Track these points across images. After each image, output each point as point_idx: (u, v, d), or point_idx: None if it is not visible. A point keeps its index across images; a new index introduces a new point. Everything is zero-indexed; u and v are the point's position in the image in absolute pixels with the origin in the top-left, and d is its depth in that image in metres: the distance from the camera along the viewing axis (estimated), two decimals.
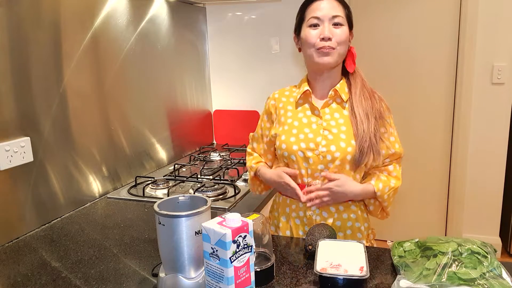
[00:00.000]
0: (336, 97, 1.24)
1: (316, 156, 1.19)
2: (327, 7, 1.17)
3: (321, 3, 1.18)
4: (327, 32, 1.15)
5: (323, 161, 1.19)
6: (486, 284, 0.86)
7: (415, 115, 2.81)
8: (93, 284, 1.02)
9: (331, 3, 1.17)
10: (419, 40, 2.73)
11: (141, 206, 1.59)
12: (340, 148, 1.17)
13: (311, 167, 1.20)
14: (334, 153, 1.17)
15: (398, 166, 1.27)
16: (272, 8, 2.44)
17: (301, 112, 1.25)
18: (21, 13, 1.31)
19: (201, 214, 0.88)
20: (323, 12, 1.16)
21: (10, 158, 1.29)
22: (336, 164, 1.18)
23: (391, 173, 1.26)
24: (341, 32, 1.17)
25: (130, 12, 1.86)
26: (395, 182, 1.24)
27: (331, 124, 1.20)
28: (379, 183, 1.22)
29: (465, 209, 2.82)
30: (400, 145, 1.27)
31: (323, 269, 0.93)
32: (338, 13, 1.17)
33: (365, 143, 1.16)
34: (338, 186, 1.17)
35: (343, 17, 1.18)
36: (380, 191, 1.21)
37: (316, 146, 1.19)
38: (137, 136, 1.95)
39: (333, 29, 1.16)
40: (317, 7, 1.17)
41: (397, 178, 1.26)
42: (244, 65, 2.57)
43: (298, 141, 1.20)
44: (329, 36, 1.15)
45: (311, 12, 1.18)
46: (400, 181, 1.26)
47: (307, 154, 1.19)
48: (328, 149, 1.18)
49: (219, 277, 0.81)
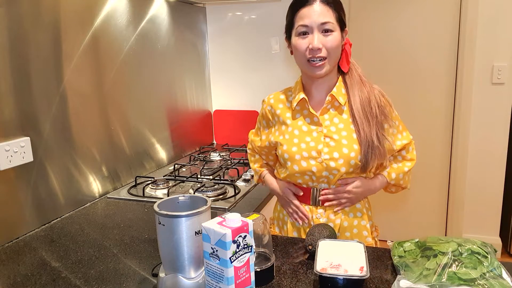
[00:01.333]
0: (333, 101, 1.21)
1: (320, 164, 1.17)
2: (315, 14, 1.10)
3: (308, 9, 1.11)
4: (316, 43, 1.10)
5: (327, 168, 1.17)
6: (486, 284, 0.86)
7: (415, 115, 2.82)
8: (93, 284, 1.02)
9: (320, 9, 1.11)
10: (419, 40, 2.73)
11: (141, 206, 1.59)
12: (343, 154, 1.16)
13: (316, 175, 1.19)
14: (338, 160, 1.16)
15: (410, 147, 1.30)
16: (272, 8, 2.44)
17: (300, 120, 1.23)
18: (21, 13, 1.31)
19: (201, 214, 0.88)
20: (311, 19, 1.10)
21: (10, 158, 1.29)
22: (342, 171, 1.17)
23: (405, 157, 1.29)
24: (332, 39, 1.11)
25: (130, 12, 1.86)
26: (409, 165, 1.28)
27: (331, 130, 1.18)
28: (392, 173, 1.25)
29: (465, 209, 2.82)
30: (408, 133, 1.28)
31: (323, 269, 0.93)
32: (327, 19, 1.11)
33: (369, 148, 1.15)
34: (357, 187, 1.19)
35: (333, 23, 1.11)
36: (394, 180, 1.26)
37: (319, 154, 1.17)
38: (137, 136, 1.95)
39: (322, 38, 1.11)
40: (305, 14, 1.11)
41: (411, 160, 1.29)
42: (244, 65, 2.57)
43: (300, 151, 1.19)
44: (318, 46, 1.10)
45: (299, 20, 1.13)
46: (414, 160, 1.29)
47: (310, 162, 1.18)
48: (331, 156, 1.16)
49: (219, 277, 0.81)
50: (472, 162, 2.75)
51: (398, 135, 1.24)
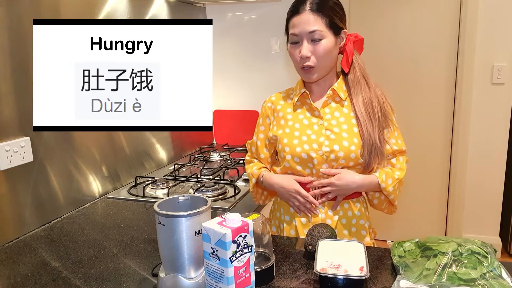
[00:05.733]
0: (334, 96, 1.24)
1: (320, 157, 1.19)
2: (303, 23, 1.14)
3: (298, 18, 1.15)
4: (305, 51, 1.14)
5: (327, 161, 1.19)
6: (486, 284, 0.86)
7: (415, 115, 2.82)
8: (93, 284, 1.02)
9: (307, 17, 1.14)
10: (419, 40, 2.73)
11: (141, 206, 1.59)
12: (343, 147, 1.17)
13: (316, 167, 1.20)
14: (338, 152, 1.17)
15: (401, 158, 1.26)
16: (272, 8, 2.44)
17: (301, 113, 1.25)
18: (21, 13, 1.31)
19: (201, 214, 0.88)
20: (300, 28, 1.15)
21: (10, 158, 1.29)
22: (341, 163, 1.18)
23: (395, 165, 1.25)
24: (320, 47, 1.15)
25: (130, 12, 1.86)
26: (399, 174, 1.23)
27: (332, 124, 1.21)
28: (383, 174, 1.20)
29: (465, 209, 2.82)
30: (403, 142, 1.26)
31: (323, 269, 0.93)
32: (315, 28, 1.13)
33: (372, 147, 1.17)
34: (339, 179, 1.17)
35: (321, 30, 1.14)
36: (384, 183, 1.19)
37: (320, 147, 1.19)
38: (137, 136, 1.95)
39: (311, 47, 1.15)
40: (295, 23, 1.16)
41: (400, 169, 1.24)
42: (244, 65, 2.57)
43: (301, 143, 1.20)
44: (307, 55, 1.15)
45: (291, 28, 1.18)
46: (404, 171, 1.24)
47: (310, 155, 1.19)
48: (331, 148, 1.18)
49: (219, 277, 0.81)
50: (472, 162, 2.74)
51: (391, 140, 1.23)
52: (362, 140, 1.18)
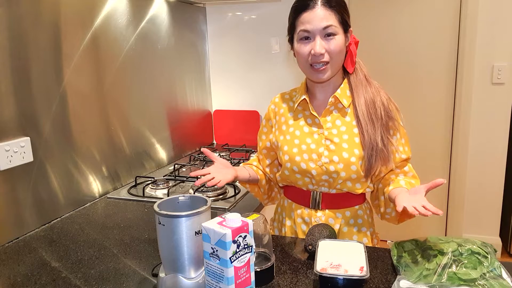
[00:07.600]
0: (336, 103, 1.19)
1: (319, 167, 1.16)
2: (317, 18, 1.07)
3: (310, 13, 1.08)
4: (318, 49, 1.07)
5: (326, 172, 1.16)
6: (486, 284, 0.86)
7: (415, 115, 2.81)
8: (93, 284, 1.02)
9: (321, 13, 1.07)
10: (419, 40, 2.73)
11: (141, 206, 1.59)
12: (342, 159, 1.13)
13: (315, 178, 1.17)
14: (337, 164, 1.14)
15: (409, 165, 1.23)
16: (272, 8, 2.44)
17: (302, 119, 1.21)
18: (21, 13, 1.31)
19: (201, 214, 0.88)
20: (313, 24, 1.07)
21: (10, 158, 1.29)
22: (342, 176, 1.15)
23: (407, 174, 1.21)
24: (335, 43, 1.09)
25: (130, 12, 1.86)
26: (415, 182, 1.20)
27: (332, 133, 1.16)
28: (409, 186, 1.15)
29: (465, 209, 2.82)
30: (410, 149, 1.22)
31: (323, 269, 0.93)
32: (329, 23, 1.07)
33: (372, 150, 1.12)
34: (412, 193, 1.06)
35: (335, 26, 1.08)
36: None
37: (319, 157, 1.16)
38: (137, 136, 1.95)
39: (324, 43, 1.08)
40: (306, 19, 1.08)
41: (414, 177, 1.21)
42: (244, 65, 2.57)
43: (300, 152, 1.17)
44: (321, 52, 1.08)
45: (300, 24, 1.10)
46: (418, 179, 1.22)
47: (309, 165, 1.16)
48: (330, 159, 1.14)
49: (219, 277, 0.81)
50: (472, 162, 2.74)
51: (399, 147, 1.19)
52: (362, 145, 1.13)
